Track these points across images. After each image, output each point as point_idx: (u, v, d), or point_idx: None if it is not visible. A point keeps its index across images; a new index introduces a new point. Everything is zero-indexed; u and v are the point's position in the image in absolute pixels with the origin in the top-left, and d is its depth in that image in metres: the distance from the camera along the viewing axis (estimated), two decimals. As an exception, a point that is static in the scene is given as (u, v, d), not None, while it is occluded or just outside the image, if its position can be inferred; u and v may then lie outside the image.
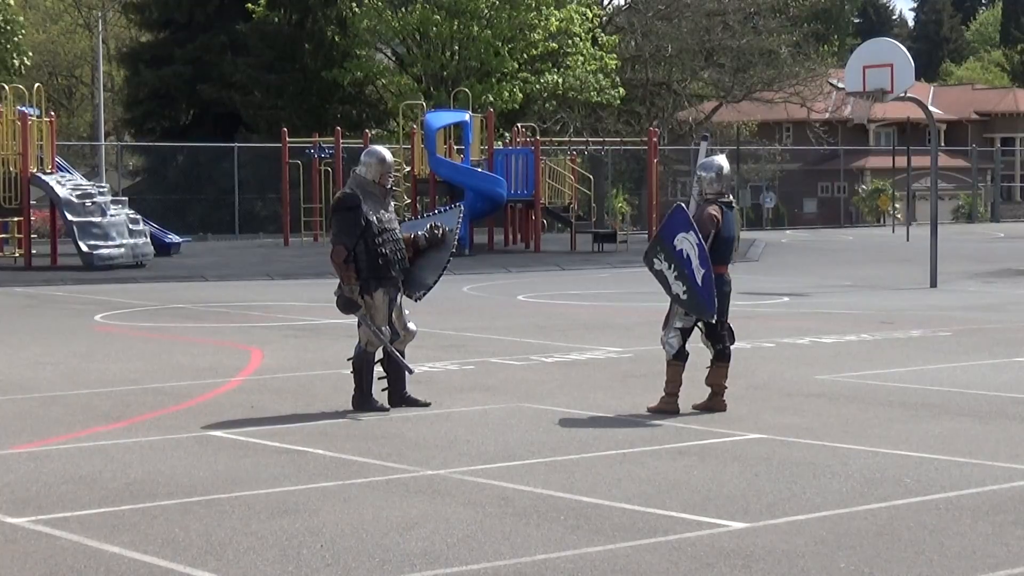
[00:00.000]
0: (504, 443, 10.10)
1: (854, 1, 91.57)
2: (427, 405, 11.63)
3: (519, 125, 41.67)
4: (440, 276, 11.99)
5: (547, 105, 50.60)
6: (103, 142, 49.29)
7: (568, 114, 51.72)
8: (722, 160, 11.56)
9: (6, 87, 30.99)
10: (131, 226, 29.53)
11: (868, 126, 70.85)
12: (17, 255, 30.47)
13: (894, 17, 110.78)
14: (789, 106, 58.47)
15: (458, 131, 36.53)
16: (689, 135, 55.13)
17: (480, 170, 34.88)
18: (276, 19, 49.07)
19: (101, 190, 30.30)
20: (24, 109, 30.11)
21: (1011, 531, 7.56)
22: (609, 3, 59.25)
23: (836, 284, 25.87)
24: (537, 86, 47.11)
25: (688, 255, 11.06)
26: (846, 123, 66.53)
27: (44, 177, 29.32)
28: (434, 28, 44.90)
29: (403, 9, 45.60)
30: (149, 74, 51.55)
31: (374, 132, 43.95)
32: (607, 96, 48.44)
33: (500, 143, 39.80)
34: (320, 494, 8.47)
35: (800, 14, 59.10)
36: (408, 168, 37.18)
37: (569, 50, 47.74)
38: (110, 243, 28.69)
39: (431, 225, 11.91)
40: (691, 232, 11.08)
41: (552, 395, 12.29)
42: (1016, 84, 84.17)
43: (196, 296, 23.23)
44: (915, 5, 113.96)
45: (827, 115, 61.01)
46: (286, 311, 20.63)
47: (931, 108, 33.69)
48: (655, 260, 11.31)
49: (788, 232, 51.22)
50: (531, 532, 7.55)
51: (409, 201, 36.95)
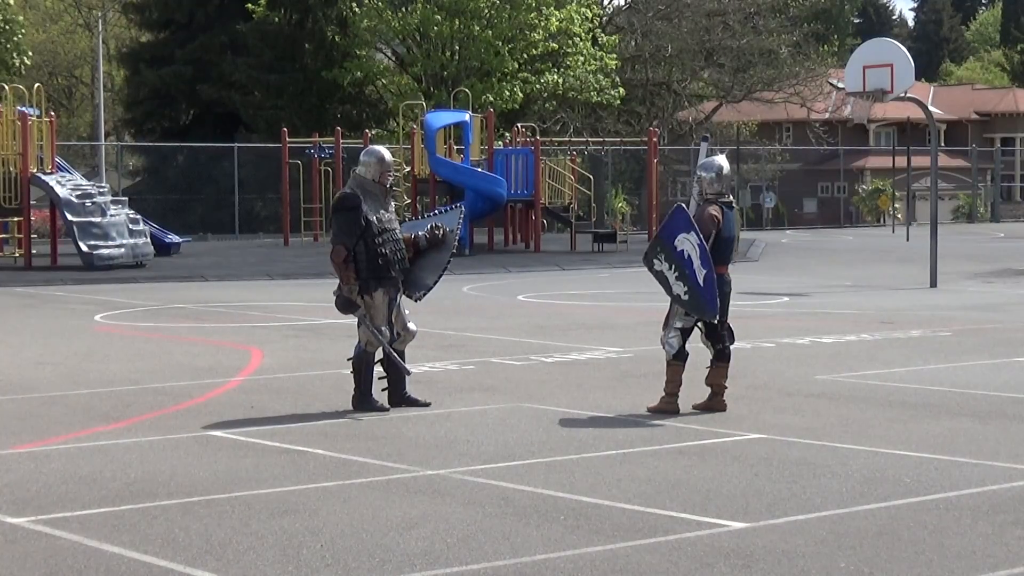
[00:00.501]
0: (504, 443, 10.10)
1: (854, 1, 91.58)
2: (427, 405, 11.63)
3: (519, 125, 41.67)
4: (440, 277, 11.99)
5: (547, 105, 50.60)
6: (103, 142, 49.29)
7: (568, 114, 51.71)
8: (722, 160, 11.56)
9: (6, 87, 30.99)
10: (131, 226, 29.53)
11: (868, 126, 70.83)
12: (17, 255, 30.47)
13: (894, 17, 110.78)
14: (789, 106, 58.45)
15: (458, 131, 36.53)
16: (689, 135, 55.13)
17: (480, 170, 34.88)
18: (276, 19, 49.06)
19: (101, 190, 30.30)
20: (24, 109, 30.11)
21: (1011, 531, 7.56)
22: (609, 3, 59.29)
23: (836, 284, 25.87)
24: (537, 86, 47.11)
25: (689, 255, 11.06)
26: (846, 123, 66.52)
27: (44, 177, 29.32)
28: (434, 28, 44.89)
29: (403, 9, 45.59)
30: (149, 74, 51.55)
31: (374, 132, 43.93)
32: (607, 96, 48.44)
33: (500, 143, 39.79)
34: (320, 494, 8.47)
35: (800, 14, 59.08)
36: (408, 168, 37.18)
37: (569, 50, 47.73)
38: (110, 243, 28.69)
39: (432, 225, 11.90)
40: (692, 232, 11.08)
41: (552, 395, 12.29)
42: (1016, 84, 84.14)
43: (196, 296, 23.23)
44: (915, 5, 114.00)
45: (827, 115, 60.99)
46: (286, 311, 20.63)
47: (931, 108, 33.69)
48: (655, 261, 11.31)
49: (788, 232, 51.22)
50: (531, 532, 7.55)
51: (409, 201, 36.95)
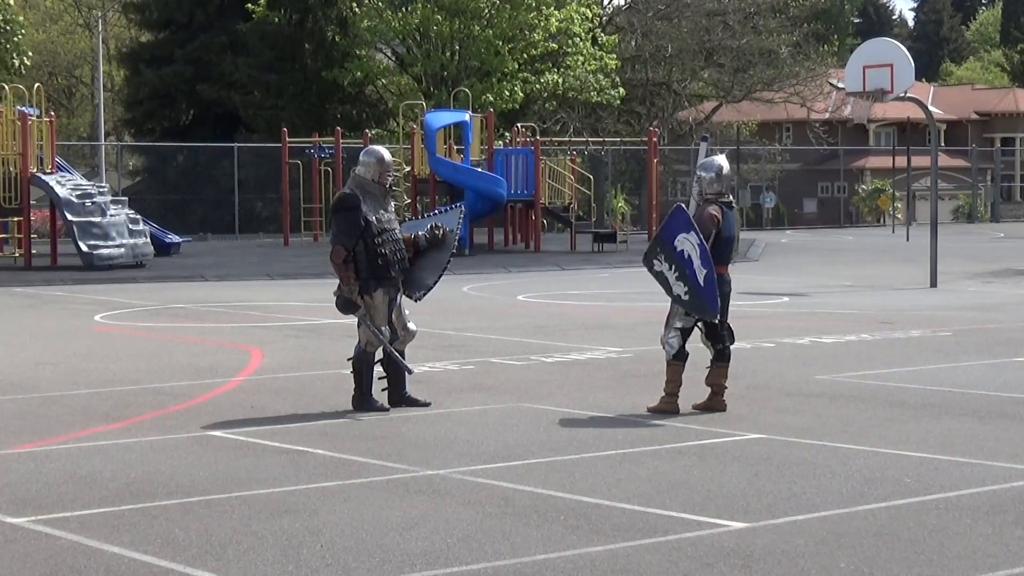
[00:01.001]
0: (504, 443, 10.10)
1: (854, 1, 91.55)
2: (427, 405, 11.63)
3: (519, 125, 41.66)
4: (440, 277, 11.99)
5: (547, 105, 50.59)
6: (103, 142, 49.29)
7: (568, 114, 51.71)
8: (722, 160, 11.56)
9: (6, 87, 30.98)
10: (131, 226, 29.53)
11: (868, 126, 70.82)
12: (17, 255, 30.47)
13: (894, 17, 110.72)
14: (789, 106, 58.45)
15: (458, 131, 36.52)
16: (689, 135, 55.13)
17: (480, 170, 34.87)
18: (276, 19, 49.07)
19: (101, 190, 30.30)
20: (24, 109, 30.11)
21: (1011, 531, 7.56)
22: (609, 3, 59.28)
23: (836, 284, 25.87)
24: (537, 86, 47.11)
25: (689, 255, 11.06)
26: (846, 123, 66.51)
27: (44, 177, 29.32)
28: (434, 28, 44.90)
29: (403, 9, 45.59)
30: (149, 74, 51.56)
31: (374, 132, 43.94)
32: (607, 96, 48.44)
33: (500, 143, 39.79)
34: (320, 494, 8.47)
35: (800, 14, 59.08)
36: (408, 168, 37.19)
37: (569, 50, 47.74)
38: (110, 243, 28.69)
39: (432, 225, 11.90)
40: (692, 232, 11.08)
41: (552, 395, 12.29)
42: (1016, 84, 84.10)
43: (196, 296, 23.23)
44: (915, 5, 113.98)
45: (827, 115, 60.98)
46: (286, 311, 20.63)
47: (931, 108, 33.69)
48: (655, 262, 11.30)
49: (788, 232, 51.21)
50: (531, 532, 7.55)
51: (409, 201, 36.95)
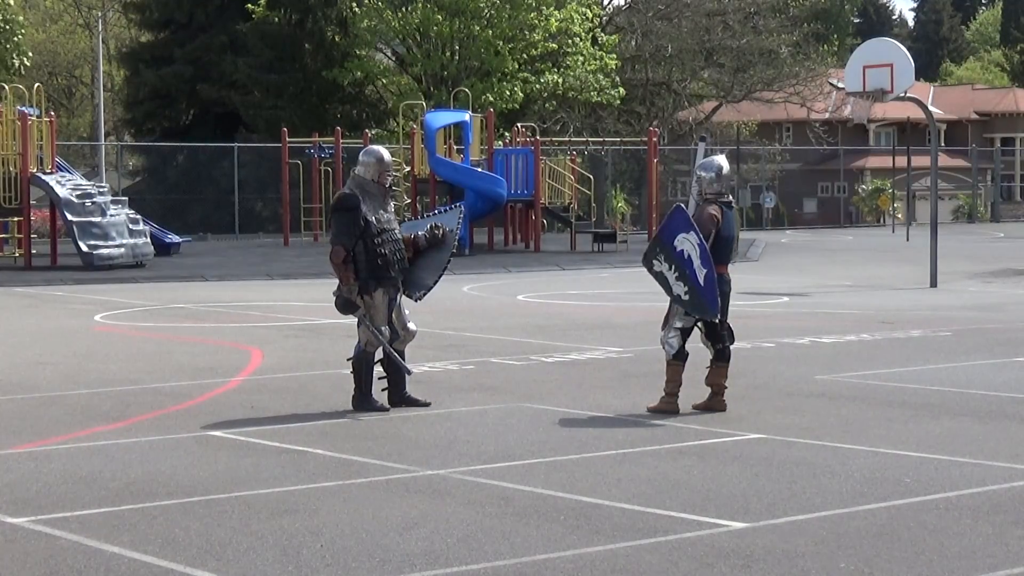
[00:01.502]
0: (504, 443, 10.10)
1: (854, 1, 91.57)
2: (427, 405, 11.63)
3: (519, 125, 41.65)
4: (440, 277, 11.99)
5: (547, 105, 50.59)
6: (103, 142, 49.30)
7: (568, 114, 51.70)
8: (722, 160, 11.56)
9: (6, 87, 30.98)
10: (131, 226, 29.53)
11: (868, 126, 70.83)
12: (17, 255, 30.46)
13: (894, 17, 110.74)
14: (789, 106, 58.43)
15: (458, 131, 36.51)
16: (689, 135, 55.10)
17: (480, 170, 34.87)
18: (276, 19, 49.06)
19: (101, 190, 30.29)
20: (24, 109, 30.10)
21: (1011, 531, 7.56)
22: (609, 3, 59.28)
23: (836, 284, 25.87)
24: (537, 86, 47.10)
25: (689, 255, 11.06)
26: (846, 123, 66.50)
27: (44, 177, 29.31)
28: (434, 28, 44.90)
29: (403, 9, 45.59)
30: (149, 74, 51.55)
31: (374, 132, 43.94)
32: (607, 96, 48.44)
33: (500, 143, 39.79)
34: (320, 494, 8.47)
35: (800, 14, 59.08)
36: (408, 168, 37.18)
37: (569, 50, 47.73)
38: (110, 243, 28.69)
39: (431, 225, 11.90)
40: (691, 232, 11.08)
41: (552, 395, 12.29)
42: (1016, 84, 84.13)
43: (196, 296, 23.23)
44: (915, 5, 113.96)
45: (827, 115, 60.98)
46: (286, 311, 20.63)
47: (931, 108, 33.69)
48: (655, 262, 11.30)
49: (788, 232, 51.21)
50: (531, 532, 7.55)
51: (409, 201, 36.95)
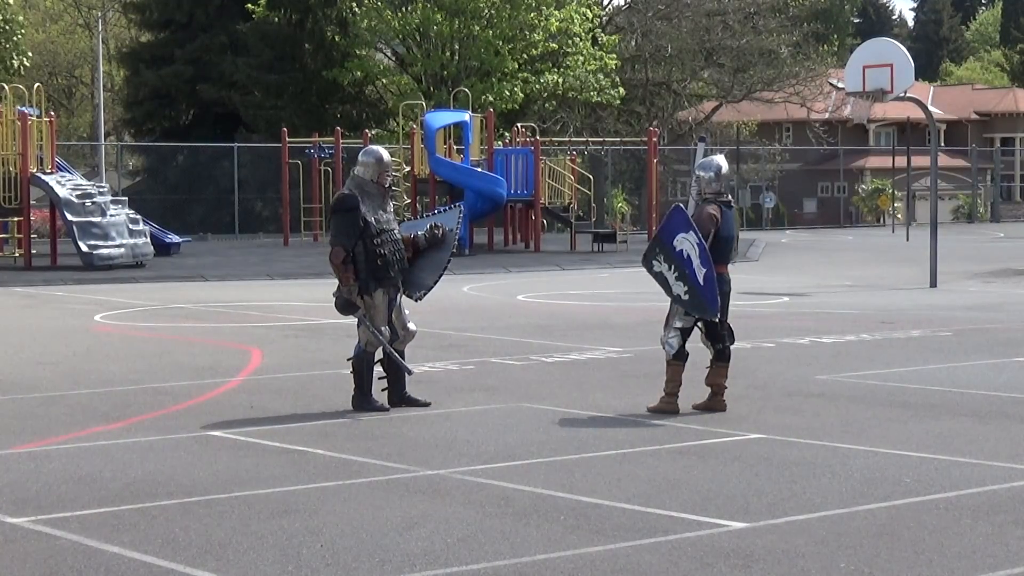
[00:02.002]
0: (504, 443, 10.10)
1: (854, 1, 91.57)
2: (427, 405, 11.63)
3: (519, 125, 41.65)
4: (440, 277, 11.99)
5: (547, 105, 50.59)
6: (103, 142, 49.32)
7: (568, 114, 51.70)
8: (721, 160, 11.56)
9: (6, 87, 30.98)
10: (131, 226, 29.53)
11: (868, 126, 70.83)
12: (17, 255, 30.46)
13: (894, 17, 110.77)
14: (789, 106, 58.44)
15: (458, 131, 36.51)
16: (689, 135, 55.11)
17: (480, 170, 34.87)
18: (276, 19, 49.05)
19: (101, 190, 30.29)
20: (24, 109, 30.10)
21: (1011, 531, 7.56)
22: (609, 3, 59.28)
23: (836, 284, 25.87)
24: (537, 86, 47.09)
25: (688, 255, 11.06)
26: (846, 123, 66.52)
27: (44, 177, 29.31)
28: (434, 28, 44.89)
29: (403, 9, 45.60)
30: (149, 74, 51.54)
31: (374, 132, 43.93)
32: (607, 96, 48.44)
33: (500, 143, 39.78)
34: (320, 494, 8.47)
35: (800, 14, 59.06)
36: (408, 168, 37.18)
37: (569, 50, 47.72)
38: (110, 243, 28.68)
39: (431, 225, 11.90)
40: (691, 232, 11.08)
41: (552, 395, 12.29)
42: (1016, 84, 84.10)
43: (196, 296, 23.23)
44: (915, 5, 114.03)
45: (827, 115, 60.98)
46: (286, 311, 20.63)
47: (931, 108, 33.70)
48: (654, 262, 11.30)
49: (788, 232, 51.21)
50: (531, 532, 7.55)
51: (409, 201, 36.95)
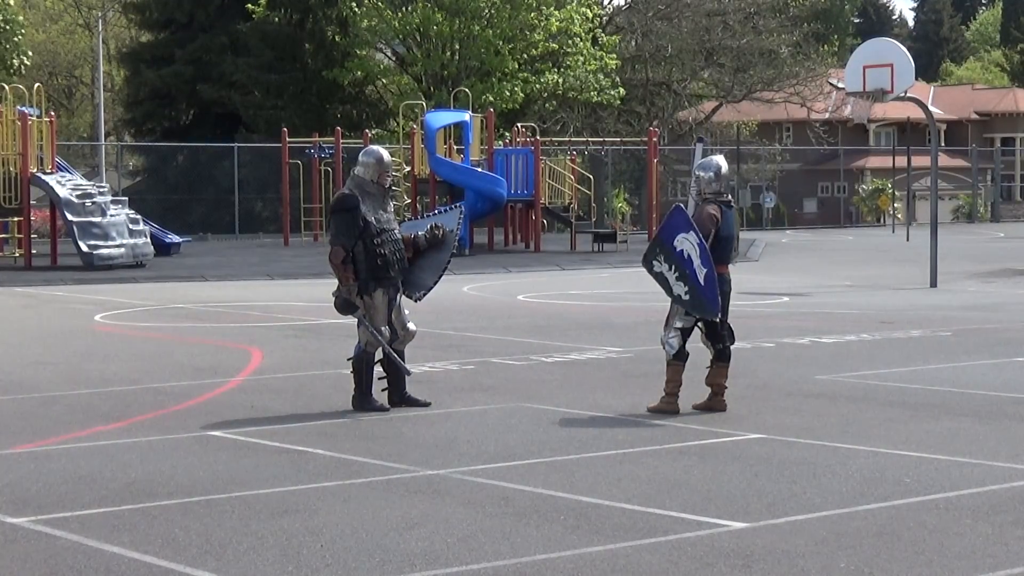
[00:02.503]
0: (504, 443, 10.10)
1: (854, 1, 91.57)
2: (427, 405, 11.63)
3: (519, 125, 41.65)
4: (440, 277, 11.99)
5: (547, 105, 50.60)
6: (103, 142, 49.31)
7: (568, 114, 51.71)
8: (721, 160, 11.57)
9: (6, 87, 30.98)
10: (131, 226, 29.53)
11: (868, 126, 70.84)
12: (17, 255, 30.46)
13: (894, 17, 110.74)
14: (789, 106, 58.44)
15: (458, 131, 36.51)
16: (689, 135, 55.12)
17: (480, 170, 34.87)
18: (276, 19, 49.06)
19: (101, 190, 30.29)
20: (24, 109, 30.10)
21: (1011, 531, 7.56)
22: (609, 3, 59.31)
23: (836, 284, 25.87)
24: (537, 86, 47.11)
25: (689, 255, 11.06)
26: (846, 123, 66.52)
27: (44, 177, 29.31)
28: (434, 28, 44.91)
29: (403, 9, 45.60)
30: (149, 74, 51.55)
31: (374, 132, 43.94)
32: (607, 96, 48.45)
33: (500, 143, 39.79)
34: (320, 494, 8.47)
35: (800, 14, 59.07)
36: (408, 168, 37.18)
37: (569, 50, 47.74)
38: (110, 243, 28.68)
39: (432, 225, 11.89)
40: (691, 232, 11.08)
41: (552, 395, 12.29)
42: (1016, 84, 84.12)
43: (196, 296, 23.23)
44: (915, 5, 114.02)
45: (827, 115, 60.98)
46: (286, 311, 20.63)
47: (931, 108, 33.69)
48: (654, 262, 11.30)
49: (788, 232, 51.21)
50: (531, 532, 7.55)
51: (409, 201, 36.95)
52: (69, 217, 28.55)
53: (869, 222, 59.14)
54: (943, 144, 63.56)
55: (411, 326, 11.77)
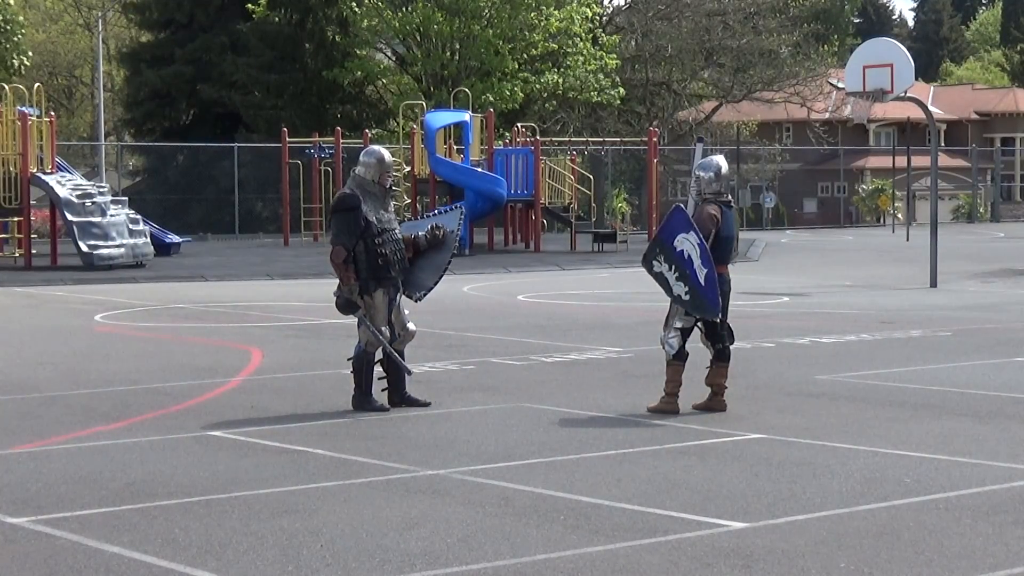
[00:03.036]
0: (504, 443, 10.10)
1: (854, 1, 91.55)
2: (427, 405, 11.63)
3: (519, 125, 41.64)
4: (440, 278, 11.98)
5: (547, 105, 50.60)
6: (103, 142, 49.29)
7: (568, 114, 51.71)
8: (721, 160, 11.56)
9: (6, 87, 30.97)
10: (131, 226, 29.53)
11: (868, 126, 70.83)
12: (17, 255, 30.46)
13: (894, 17, 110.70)
14: (789, 106, 58.43)
15: (458, 131, 36.51)
16: (689, 135, 55.11)
17: (480, 170, 34.87)
18: (276, 19, 49.07)
19: (101, 190, 30.29)
20: (24, 109, 30.09)
21: (1011, 531, 7.56)
22: (609, 3, 59.32)
23: (836, 284, 25.87)
24: (537, 86, 47.10)
25: (689, 255, 11.05)
26: (846, 123, 66.49)
27: (44, 177, 29.31)
28: (434, 28, 44.91)
29: (404, 9, 45.61)
30: (149, 74, 51.56)
31: (374, 132, 43.94)
32: (607, 96, 48.45)
33: (500, 143, 39.79)
34: (320, 494, 8.47)
35: (800, 14, 59.07)
36: (408, 168, 37.18)
37: (569, 50, 47.74)
38: (110, 243, 28.68)
39: (432, 226, 11.89)
40: (691, 232, 11.08)
41: (552, 395, 12.29)
42: (1016, 84, 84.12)
43: (196, 296, 23.23)
44: (915, 5, 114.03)
45: (827, 115, 60.97)
46: (286, 311, 20.63)
47: (931, 108, 33.69)
48: (654, 263, 11.30)
49: (788, 232, 51.21)
50: (531, 532, 7.55)
51: (409, 201, 36.95)
52: (69, 217, 28.55)
53: (869, 222, 59.14)
54: (943, 144, 63.55)
55: (411, 326, 11.77)
